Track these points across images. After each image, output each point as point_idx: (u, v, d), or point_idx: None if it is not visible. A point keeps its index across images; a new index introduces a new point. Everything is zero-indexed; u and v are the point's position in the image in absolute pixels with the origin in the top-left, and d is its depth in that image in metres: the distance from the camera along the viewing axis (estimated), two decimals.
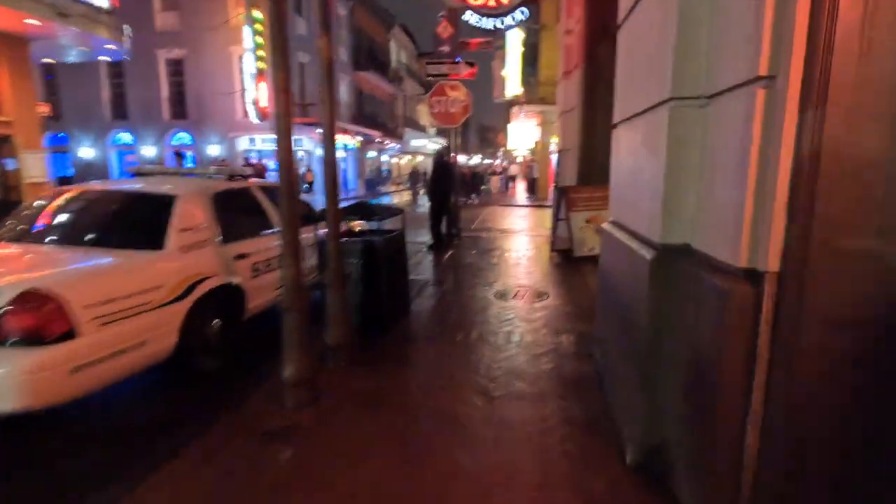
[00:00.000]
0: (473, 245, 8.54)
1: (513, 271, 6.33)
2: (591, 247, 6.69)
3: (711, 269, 1.74)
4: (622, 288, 2.63)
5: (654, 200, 2.15)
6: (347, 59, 28.66)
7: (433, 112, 8.33)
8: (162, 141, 22.72)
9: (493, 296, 5.07)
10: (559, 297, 5.02)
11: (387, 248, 3.88)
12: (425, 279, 5.93)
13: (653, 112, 2.21)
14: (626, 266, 2.53)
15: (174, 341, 3.14)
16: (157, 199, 3.56)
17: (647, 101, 2.29)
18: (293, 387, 2.77)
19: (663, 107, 2.05)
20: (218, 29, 21.10)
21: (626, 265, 2.53)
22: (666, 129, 2.00)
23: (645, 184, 2.32)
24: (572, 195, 6.69)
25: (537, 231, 10.82)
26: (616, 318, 2.73)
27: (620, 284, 2.68)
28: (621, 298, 2.63)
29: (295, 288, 2.73)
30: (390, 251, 3.97)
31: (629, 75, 2.76)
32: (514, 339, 3.85)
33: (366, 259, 3.76)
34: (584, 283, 5.64)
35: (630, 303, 2.42)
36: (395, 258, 4.09)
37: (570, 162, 7.51)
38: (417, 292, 5.27)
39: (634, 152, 2.60)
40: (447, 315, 4.49)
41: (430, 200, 8.15)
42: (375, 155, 33.78)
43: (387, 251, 3.88)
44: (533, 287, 5.46)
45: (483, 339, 3.84)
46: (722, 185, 1.77)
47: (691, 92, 1.94)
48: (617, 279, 2.78)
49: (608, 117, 7.14)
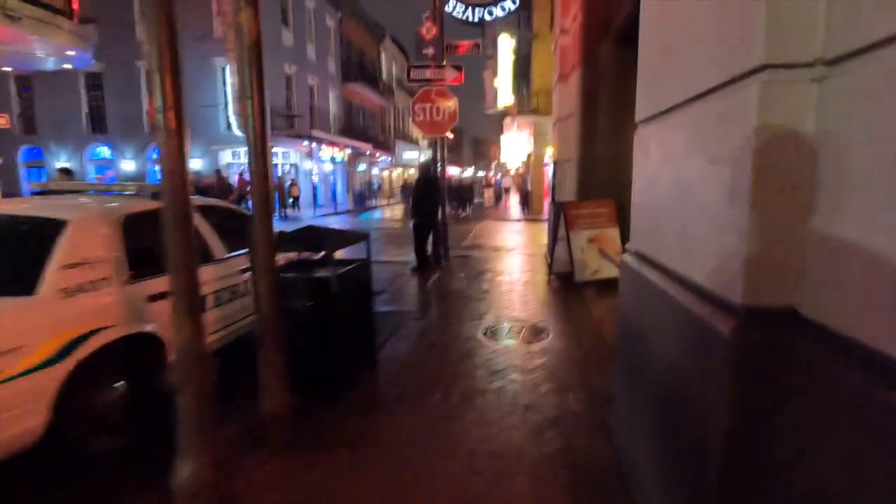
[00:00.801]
0: (463, 267, 7.73)
1: (506, 300, 5.51)
2: (595, 270, 5.90)
3: (861, 365, 0.94)
4: (663, 356, 1.82)
5: (725, 234, 1.35)
6: (336, 71, 28.09)
7: (417, 120, 7.57)
8: (143, 155, 21.89)
9: (482, 334, 4.25)
10: (561, 335, 4.20)
11: (345, 285, 3.05)
12: (405, 311, 5.10)
13: (721, 94, 1.42)
14: (671, 327, 1.72)
15: (42, 420, 2.29)
16: (38, 225, 2.72)
17: (706, 80, 1.50)
18: (190, 500, 1.92)
19: (745, 83, 1.26)
20: (200, 40, 20.43)
21: (671, 326, 1.72)
22: (752, 116, 1.21)
23: (703, 207, 1.53)
24: (572, 212, 5.92)
25: (532, 249, 10.04)
26: (652, 395, 1.92)
27: (658, 350, 1.87)
28: (661, 370, 1.81)
29: (192, 357, 1.90)
30: (349, 290, 3.12)
31: (667, 47, 1.97)
32: (508, 399, 3.02)
33: (316, 301, 2.92)
34: (589, 315, 4.83)
35: (680, 385, 1.60)
36: (356, 298, 3.24)
37: (568, 174, 6.76)
38: (392, 330, 4.44)
39: (678, 158, 1.80)
40: (424, 364, 3.65)
41: (414, 218, 7.34)
42: (366, 168, 33.08)
43: (345, 290, 3.04)
44: (529, 321, 4.64)
45: (468, 401, 3.00)
46: (869, 206, 0.98)
47: (799, 56, 1.16)
48: (652, 340, 1.97)
49: (612, 123, 6.43)
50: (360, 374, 3.33)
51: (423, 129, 7.67)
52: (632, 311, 2.38)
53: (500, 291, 5.90)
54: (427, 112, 7.48)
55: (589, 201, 6.03)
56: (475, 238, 12.20)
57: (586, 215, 5.93)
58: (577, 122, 6.32)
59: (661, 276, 1.91)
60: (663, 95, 1.95)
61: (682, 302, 1.61)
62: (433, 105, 7.44)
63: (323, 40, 26.45)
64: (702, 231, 1.55)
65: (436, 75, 7.40)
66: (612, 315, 5.06)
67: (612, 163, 6.19)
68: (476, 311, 5.01)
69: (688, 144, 1.70)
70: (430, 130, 7.61)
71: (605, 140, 6.16)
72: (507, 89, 17.90)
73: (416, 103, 7.51)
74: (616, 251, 5.98)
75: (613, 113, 6.10)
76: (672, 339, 1.73)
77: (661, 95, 1.99)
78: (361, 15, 31.20)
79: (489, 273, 7.10)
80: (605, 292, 5.62)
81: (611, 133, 6.13)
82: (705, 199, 1.51)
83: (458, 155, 62.67)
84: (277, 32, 21.67)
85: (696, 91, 1.59)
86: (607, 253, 5.94)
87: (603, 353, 3.79)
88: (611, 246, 5.97)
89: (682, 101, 1.72)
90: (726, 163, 1.35)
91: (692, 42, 1.67)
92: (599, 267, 5.91)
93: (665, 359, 1.80)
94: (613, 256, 5.95)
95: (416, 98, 7.55)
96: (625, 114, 6.43)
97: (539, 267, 7.50)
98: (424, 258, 7.45)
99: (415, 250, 7.43)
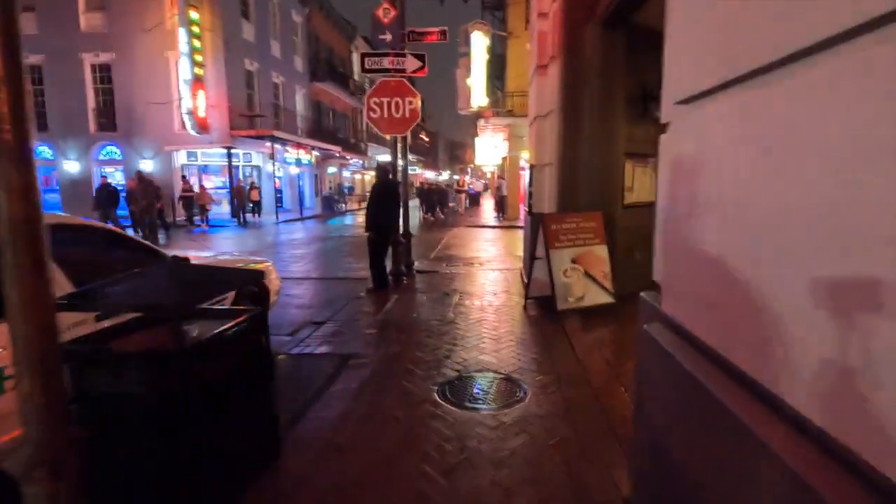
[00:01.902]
0: (427, 286, 6.70)
1: (473, 335, 4.51)
2: (579, 296, 4.96)
3: None
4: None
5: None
6: (303, 69, 26.74)
7: (373, 117, 6.51)
8: (88, 156, 20.12)
9: (439, 394, 3.23)
10: (542, 395, 3.22)
11: (215, 361, 1.97)
12: (346, 353, 4.05)
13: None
14: (746, 475, 0.74)
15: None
16: None
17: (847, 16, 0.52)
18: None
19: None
20: (151, 31, 18.89)
21: (746, 473, 0.74)
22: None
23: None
24: (552, 226, 4.97)
25: (507, 261, 9.09)
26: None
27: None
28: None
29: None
30: (228, 360, 2.05)
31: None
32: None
33: (152, 392, 1.82)
34: (575, 359, 3.87)
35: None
36: (238, 380, 2.14)
37: (547, 181, 5.82)
38: (324, 383, 3.39)
39: (812, 155, 0.82)
40: (354, 448, 2.61)
41: (369, 231, 6.28)
42: (336, 171, 31.76)
43: (215, 367, 1.96)
44: (501, 369, 3.65)
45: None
46: None
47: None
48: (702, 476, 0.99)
49: (599, 121, 5.45)
50: (255, 473, 2.26)
51: (379, 128, 6.62)
52: (664, 417, 1.41)
53: (468, 322, 4.90)
54: (384, 108, 6.44)
55: (573, 214, 5.09)
56: (445, 248, 11.19)
57: (570, 230, 4.99)
58: (557, 121, 5.38)
59: (727, 384, 0.94)
60: (733, 54, 0.97)
61: (774, 449, 0.63)
62: (391, 100, 6.40)
63: (289, 36, 25.10)
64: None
65: (395, 65, 6.37)
66: (603, 358, 4.12)
67: (599, 168, 5.27)
68: (435, 354, 3.99)
69: (806, 133, 0.72)
70: (388, 129, 6.56)
71: (591, 141, 5.24)
72: (481, 89, 17.00)
73: (372, 97, 6.45)
74: (604, 273, 5.06)
75: (601, 109, 5.18)
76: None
77: (722, 56, 1.01)
78: (331, 11, 29.93)
79: (457, 295, 6.10)
80: (592, 324, 4.68)
81: (598, 133, 5.22)
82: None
83: (433, 159, 61.70)
84: (237, 24, 20.28)
85: (825, 33, 0.61)
86: (594, 275, 5.01)
87: (598, 425, 2.82)
88: (598, 267, 5.04)
89: (786, 55, 0.74)
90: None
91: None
92: (584, 292, 4.98)
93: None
94: (601, 280, 5.02)
95: (372, 91, 6.50)
96: (614, 110, 5.52)
97: (514, 287, 6.54)
98: (382, 277, 6.40)
99: (370, 268, 6.37)
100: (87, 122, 19.95)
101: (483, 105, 17.16)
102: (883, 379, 0.69)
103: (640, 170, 5.91)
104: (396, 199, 6.45)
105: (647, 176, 6.04)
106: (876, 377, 0.70)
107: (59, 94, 19.69)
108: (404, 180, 7.00)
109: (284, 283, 7.11)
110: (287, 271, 8.34)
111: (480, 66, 16.83)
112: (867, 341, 0.72)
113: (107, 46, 19.26)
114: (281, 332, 4.86)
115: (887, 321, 0.67)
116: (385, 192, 6.30)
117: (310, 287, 7.34)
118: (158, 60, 19.14)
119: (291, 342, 4.45)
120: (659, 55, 1.52)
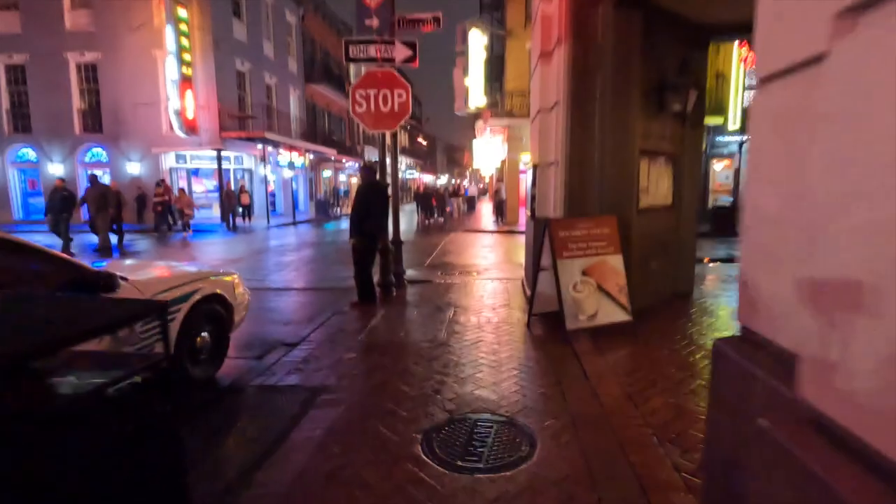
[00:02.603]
0: (419, 299, 6.05)
1: (469, 361, 3.86)
2: (591, 314, 4.31)
3: None
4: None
5: None
6: (298, 71, 26.13)
7: (358, 111, 5.86)
8: (73, 157, 19.45)
9: (424, 447, 2.57)
10: (554, 447, 2.57)
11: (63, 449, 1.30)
12: (316, 385, 3.39)
13: None
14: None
15: None
16: None
17: None
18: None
19: None
20: (138, 30, 18.27)
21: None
22: None
23: None
24: (560, 233, 4.32)
25: (507, 269, 8.45)
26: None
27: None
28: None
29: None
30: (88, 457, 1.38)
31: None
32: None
33: None
34: (592, 393, 3.21)
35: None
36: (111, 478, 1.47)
37: (552, 182, 5.18)
38: (284, 428, 2.73)
39: None
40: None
41: (353, 238, 5.63)
42: (331, 174, 31.10)
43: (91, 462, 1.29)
44: (502, 409, 3.00)
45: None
46: None
47: None
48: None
49: (612, 113, 4.57)
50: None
51: (365, 123, 5.97)
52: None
53: (463, 345, 4.24)
54: (371, 101, 5.80)
55: (584, 219, 4.45)
56: (442, 254, 10.54)
57: (580, 238, 4.34)
58: (563, 113, 4.75)
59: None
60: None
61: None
62: (379, 92, 5.77)
63: (282, 37, 24.49)
64: None
65: (383, 53, 5.74)
66: (624, 392, 3.44)
67: (612, 166, 4.63)
68: (422, 388, 3.33)
69: None
70: (375, 125, 5.92)
71: (602, 136, 4.61)
72: (480, 89, 16.39)
73: (357, 90, 5.81)
74: (619, 287, 4.41)
75: (613, 100, 4.55)
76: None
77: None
78: (326, 12, 29.38)
79: (451, 310, 5.44)
80: (607, 346, 4.03)
81: (610, 127, 4.58)
82: None
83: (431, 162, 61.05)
84: (227, 23, 19.66)
85: None
86: (608, 289, 4.36)
87: (629, 492, 2.17)
88: (612, 280, 4.39)
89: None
90: None
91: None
92: (597, 309, 4.33)
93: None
94: (616, 294, 4.37)
95: (358, 83, 5.87)
96: (628, 101, 4.81)
97: (515, 300, 5.89)
98: (368, 289, 5.75)
99: (355, 278, 5.72)
100: (73, 124, 19.29)
101: (481, 105, 16.56)
102: None
103: (655, 169, 5.28)
104: (384, 202, 5.80)
105: (664, 176, 5.40)
106: None
107: (44, 94, 19.05)
108: (394, 182, 6.35)
109: (263, 295, 6.46)
110: (268, 281, 7.68)
111: (479, 64, 16.24)
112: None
113: (93, 45, 18.64)
114: (248, 355, 4.21)
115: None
116: (371, 195, 5.65)
117: (290, 299, 6.67)
118: (146, 60, 18.51)
119: (256, 369, 3.79)
120: (678, 40, 0.88)
